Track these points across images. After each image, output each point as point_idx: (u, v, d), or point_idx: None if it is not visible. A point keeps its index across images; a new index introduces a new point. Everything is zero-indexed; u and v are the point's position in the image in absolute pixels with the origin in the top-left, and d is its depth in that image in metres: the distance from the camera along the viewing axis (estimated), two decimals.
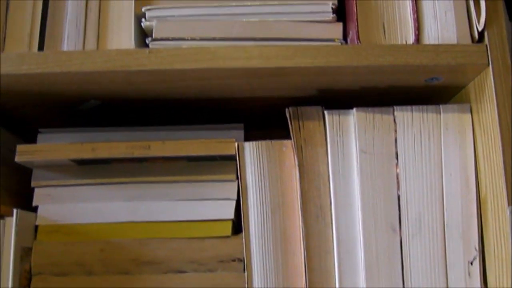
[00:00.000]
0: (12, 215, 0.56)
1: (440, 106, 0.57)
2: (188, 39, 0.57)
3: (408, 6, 0.54)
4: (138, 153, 0.57)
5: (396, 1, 0.55)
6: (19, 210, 0.55)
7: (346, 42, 0.57)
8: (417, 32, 0.53)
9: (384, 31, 0.54)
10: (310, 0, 0.58)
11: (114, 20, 0.59)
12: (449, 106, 0.57)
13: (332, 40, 0.57)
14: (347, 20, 0.58)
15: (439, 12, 0.54)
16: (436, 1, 0.54)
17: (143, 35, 0.59)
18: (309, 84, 0.57)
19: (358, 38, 0.53)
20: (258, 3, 0.58)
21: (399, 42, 0.54)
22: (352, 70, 0.53)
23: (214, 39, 0.57)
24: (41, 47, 0.58)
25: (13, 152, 0.59)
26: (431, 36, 0.54)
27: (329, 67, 0.52)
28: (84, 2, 0.59)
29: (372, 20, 0.54)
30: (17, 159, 0.58)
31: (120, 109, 0.63)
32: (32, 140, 0.62)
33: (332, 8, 0.58)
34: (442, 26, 0.54)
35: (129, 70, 0.52)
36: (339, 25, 0.57)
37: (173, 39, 0.57)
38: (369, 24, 0.54)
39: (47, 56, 0.53)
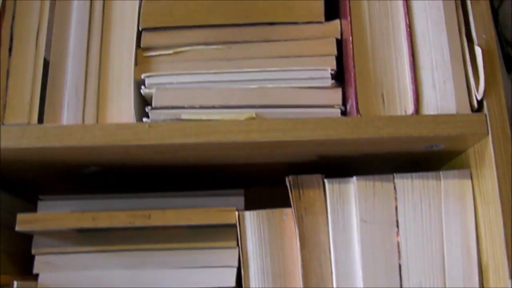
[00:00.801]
0: (12, 285, 0.56)
1: (440, 172, 0.57)
2: (187, 108, 0.57)
3: (407, 76, 0.54)
4: (138, 222, 0.57)
5: (395, 71, 0.55)
6: (18, 282, 0.55)
7: (345, 108, 0.57)
8: (416, 103, 0.53)
9: (384, 102, 0.54)
10: (308, 66, 0.58)
11: (114, 86, 0.59)
12: (449, 172, 0.57)
13: (332, 106, 0.57)
14: (346, 85, 0.58)
15: (438, 82, 0.54)
16: (435, 71, 0.54)
17: (142, 101, 0.60)
18: (308, 153, 0.57)
19: (358, 110, 0.53)
20: (257, 69, 0.59)
21: (399, 113, 0.54)
22: (352, 142, 0.53)
23: (213, 107, 0.57)
24: (41, 114, 0.58)
25: (14, 215, 0.59)
26: (430, 106, 0.54)
27: (328, 140, 0.52)
28: (84, 68, 0.59)
29: (371, 90, 0.54)
30: (18, 228, 0.58)
31: (120, 174, 0.63)
32: (33, 200, 0.62)
33: (331, 74, 0.58)
34: (441, 96, 0.54)
35: (129, 144, 0.52)
36: (338, 91, 0.58)
37: (173, 107, 0.57)
38: (368, 95, 0.54)
39: (46, 130, 0.53)
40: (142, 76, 0.59)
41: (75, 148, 0.53)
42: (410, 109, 0.53)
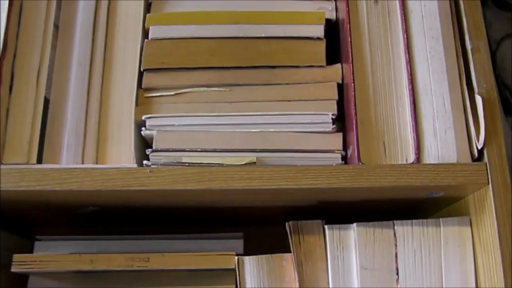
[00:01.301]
0: None
1: (440, 219, 0.57)
2: (188, 150, 0.57)
3: (409, 125, 0.54)
4: (137, 265, 0.56)
5: (396, 119, 0.55)
6: None
7: (346, 153, 0.57)
8: (417, 151, 0.54)
9: (385, 150, 0.54)
10: (309, 110, 0.59)
11: (114, 127, 0.59)
12: (449, 219, 0.57)
13: (332, 151, 0.57)
14: (347, 130, 0.58)
15: (439, 131, 0.54)
16: (436, 119, 0.54)
17: (143, 143, 0.59)
18: (309, 198, 0.57)
19: (359, 158, 0.53)
20: (258, 113, 0.59)
21: (400, 161, 0.54)
22: (353, 190, 0.53)
23: (215, 150, 0.57)
24: (40, 154, 0.58)
25: (11, 252, 0.58)
26: (431, 154, 0.54)
27: (330, 188, 0.52)
28: (84, 108, 0.59)
29: (372, 138, 0.55)
30: (13, 269, 0.57)
31: (119, 214, 0.63)
32: (27, 234, 0.62)
33: (332, 118, 0.58)
34: (442, 145, 0.54)
35: (129, 189, 0.52)
36: (339, 136, 0.58)
37: (174, 150, 0.57)
38: (369, 142, 0.54)
39: (46, 173, 0.53)
40: (143, 117, 0.59)
41: (75, 192, 0.53)
42: (411, 157, 0.54)
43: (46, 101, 0.59)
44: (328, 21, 0.62)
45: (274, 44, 0.61)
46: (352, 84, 0.55)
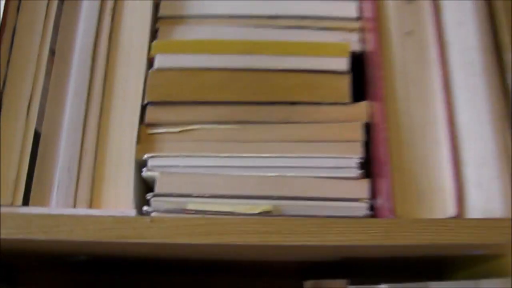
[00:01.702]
0: None
1: (479, 281, 0.49)
2: (195, 196, 0.50)
3: (449, 174, 0.47)
4: None
5: (433, 166, 0.48)
6: None
7: (373, 203, 0.50)
8: (458, 203, 0.47)
9: (421, 201, 0.47)
10: (332, 153, 0.52)
11: (112, 166, 0.52)
12: (489, 281, 0.50)
13: (357, 200, 0.50)
14: (375, 176, 0.51)
15: (483, 180, 0.47)
16: (479, 167, 0.47)
17: (143, 186, 0.53)
18: (331, 254, 0.50)
19: (394, 211, 0.46)
20: (274, 155, 0.52)
21: (438, 214, 0.47)
22: (385, 247, 0.46)
23: (224, 196, 0.50)
24: (27, 195, 0.51)
25: None
26: (474, 207, 0.47)
27: (359, 246, 0.45)
28: (79, 144, 0.52)
29: (406, 187, 0.48)
30: None
31: (111, 263, 0.55)
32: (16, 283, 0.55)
33: (357, 163, 0.51)
34: (487, 196, 0.47)
35: (126, 241, 0.45)
36: (365, 183, 0.51)
37: (178, 195, 0.50)
38: (404, 193, 0.47)
39: (31, 220, 0.46)
40: (145, 157, 0.52)
41: (63, 242, 0.46)
42: (452, 210, 0.47)
43: (37, 135, 0.53)
44: (352, 54, 0.56)
45: (292, 77, 0.55)
46: (385, 125, 0.49)
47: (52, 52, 0.56)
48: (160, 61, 0.55)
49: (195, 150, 0.53)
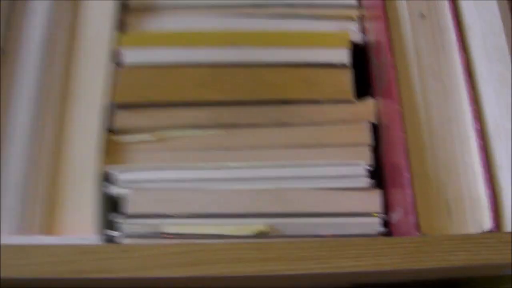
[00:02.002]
0: None
1: None
2: (174, 216, 0.42)
3: (481, 179, 0.39)
4: None
5: (462, 171, 0.40)
6: None
7: (387, 217, 0.42)
8: (495, 214, 0.38)
9: (450, 213, 0.39)
10: (336, 160, 0.44)
11: (73, 183, 0.43)
12: None
13: (369, 214, 0.42)
14: (388, 186, 0.43)
15: None
16: None
17: (112, 206, 0.43)
18: (341, 281, 0.41)
19: (418, 227, 0.38)
20: (269, 164, 0.44)
21: (471, 229, 0.39)
22: (410, 271, 0.37)
23: (210, 215, 0.42)
24: None
25: None
26: None
27: (376, 271, 0.36)
28: (33, 158, 0.43)
29: (431, 197, 0.40)
30: None
31: None
32: None
33: (366, 170, 0.43)
34: None
35: (91, 277, 0.36)
36: (377, 194, 0.43)
37: (154, 216, 0.42)
38: (428, 205, 0.39)
39: None
40: (113, 170, 0.43)
41: (12, 280, 0.36)
42: (488, 224, 0.38)
43: None
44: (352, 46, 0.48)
45: (286, 72, 0.47)
46: (400, 125, 0.40)
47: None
48: (130, 56, 0.47)
49: (174, 161, 0.44)
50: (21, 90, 0.45)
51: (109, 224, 0.42)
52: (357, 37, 0.49)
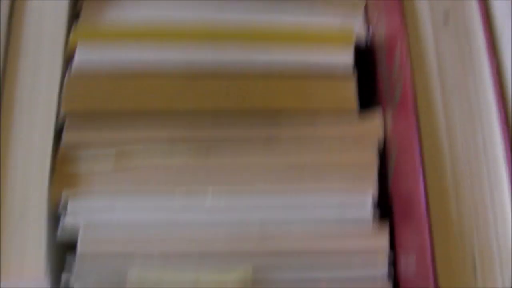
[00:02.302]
0: None
1: None
2: (138, 258, 0.34)
3: (510, 228, 0.32)
4: None
5: (491, 220, 0.33)
6: None
7: (396, 262, 0.35)
8: None
9: (475, 269, 0.32)
10: (336, 187, 0.36)
11: (15, 214, 0.35)
12: None
13: (374, 253, 0.35)
14: (396, 221, 0.36)
15: None
16: None
17: (61, 245, 0.35)
18: None
19: (436, 283, 0.31)
20: (252, 192, 0.36)
21: (500, 286, 0.32)
22: None
23: (182, 257, 0.34)
24: None
25: None
26: None
27: None
28: None
29: (454, 249, 0.32)
30: None
31: None
32: None
33: (371, 200, 0.36)
34: None
35: None
36: (384, 231, 0.36)
37: (113, 255, 0.34)
38: (449, 256, 0.32)
39: None
40: (63, 197, 0.35)
41: None
42: None
43: None
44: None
45: (276, 77, 0.39)
46: (418, 144, 0.33)
47: None
48: (83, 55, 0.38)
49: (137, 185, 0.36)
50: None
51: (61, 266, 0.34)
52: (362, 35, 0.41)
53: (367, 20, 0.42)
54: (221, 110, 0.37)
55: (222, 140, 0.37)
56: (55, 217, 0.35)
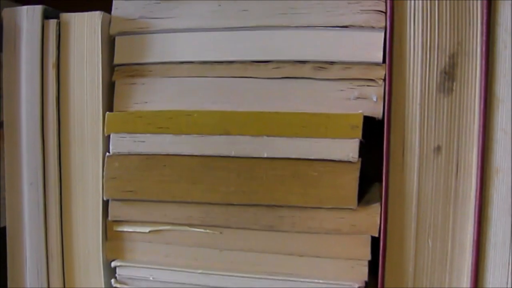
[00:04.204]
0: None
1: None
2: None
3: None
4: None
5: None
6: None
7: None
8: None
9: None
10: (330, 275, 0.41)
11: (81, 270, 0.46)
12: None
13: None
14: None
15: None
16: None
17: None
18: None
19: None
20: (251, 276, 0.43)
21: None
22: None
23: None
24: None
25: None
26: None
27: None
28: (43, 244, 0.46)
29: None
30: None
31: None
32: None
33: None
34: None
35: None
36: None
37: None
38: None
39: None
40: (112, 265, 0.45)
41: None
42: None
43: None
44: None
45: (281, 167, 0.41)
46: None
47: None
48: (116, 143, 0.44)
49: (168, 254, 0.45)
50: (24, 172, 0.46)
51: None
52: (375, 109, 0.40)
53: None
54: (231, 202, 0.42)
55: (231, 227, 0.43)
56: (110, 273, 0.46)
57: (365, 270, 0.40)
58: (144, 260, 0.45)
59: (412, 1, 0.37)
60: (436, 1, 0.36)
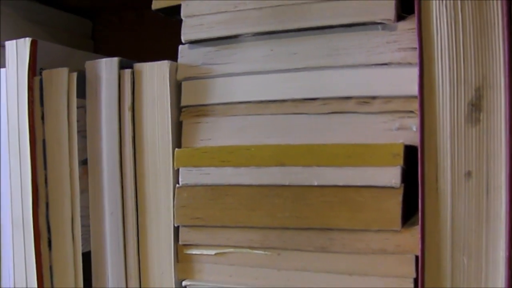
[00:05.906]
0: None
1: None
2: None
3: None
4: None
5: None
6: None
7: None
8: None
9: None
10: None
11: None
12: None
13: None
14: None
15: None
16: None
17: None
18: None
19: None
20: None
21: None
22: None
23: None
24: None
25: None
26: None
27: None
28: (123, 266, 0.53)
29: None
30: None
31: None
32: None
33: None
34: None
35: None
36: None
37: None
38: None
39: None
40: (183, 284, 0.51)
41: None
42: None
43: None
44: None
45: (330, 195, 0.46)
46: None
47: (82, 163, 0.54)
48: (184, 176, 0.50)
49: (232, 275, 0.50)
50: (105, 203, 0.53)
51: None
52: (414, 137, 0.44)
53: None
54: (286, 226, 0.47)
55: (287, 248, 0.47)
56: None
57: (411, 286, 0.44)
58: (210, 279, 0.50)
59: (439, 39, 0.41)
60: (461, 38, 0.40)
